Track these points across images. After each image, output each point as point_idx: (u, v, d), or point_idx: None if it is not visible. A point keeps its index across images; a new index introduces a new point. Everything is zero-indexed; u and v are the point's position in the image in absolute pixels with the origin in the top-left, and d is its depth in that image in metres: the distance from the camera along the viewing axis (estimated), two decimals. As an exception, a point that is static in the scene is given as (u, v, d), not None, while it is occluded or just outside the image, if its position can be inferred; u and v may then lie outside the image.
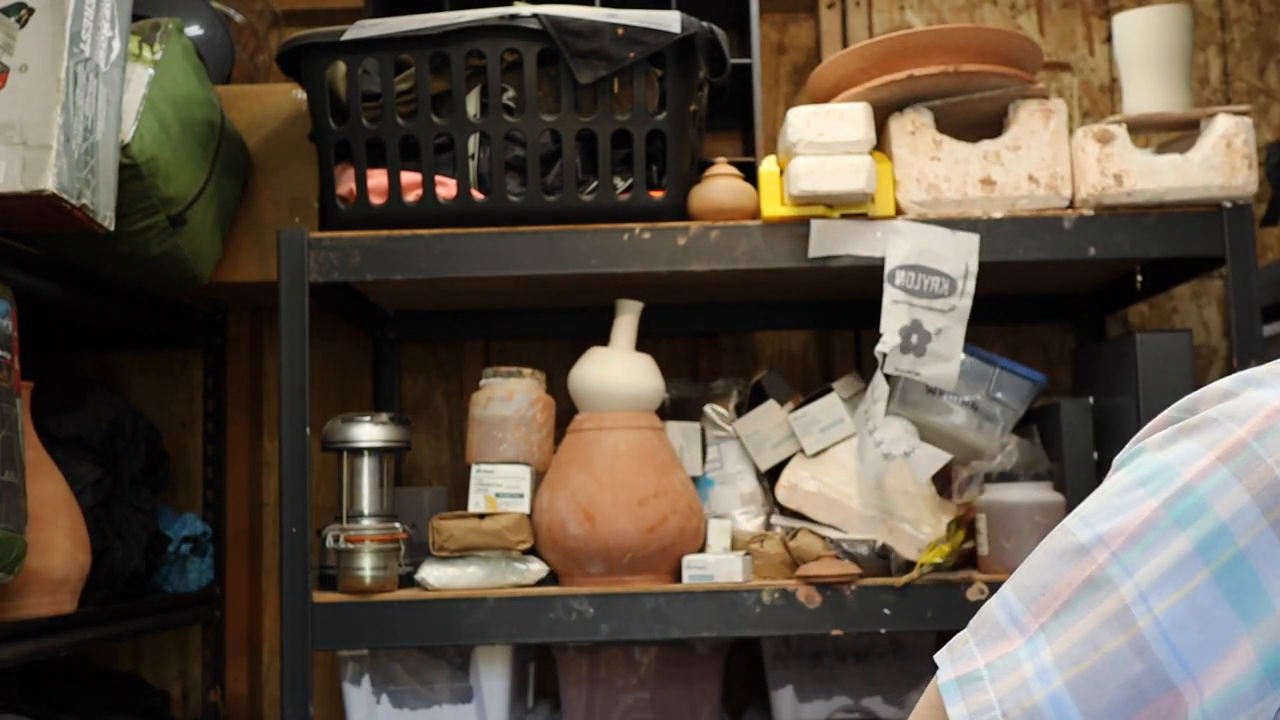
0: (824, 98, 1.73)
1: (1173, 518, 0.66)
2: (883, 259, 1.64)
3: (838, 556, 1.66)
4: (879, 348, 1.64)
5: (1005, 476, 1.67)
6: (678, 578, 1.68)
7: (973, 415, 1.80)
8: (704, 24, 1.67)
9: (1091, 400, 1.75)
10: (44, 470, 1.66)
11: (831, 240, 1.64)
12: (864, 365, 2.15)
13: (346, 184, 1.72)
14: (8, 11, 1.44)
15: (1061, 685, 0.66)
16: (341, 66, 1.69)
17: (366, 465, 1.73)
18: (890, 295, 1.64)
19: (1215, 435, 0.67)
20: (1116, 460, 0.73)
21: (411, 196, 1.69)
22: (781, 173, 1.66)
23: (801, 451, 1.82)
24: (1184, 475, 0.67)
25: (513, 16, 1.65)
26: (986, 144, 1.68)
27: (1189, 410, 0.71)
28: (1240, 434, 0.66)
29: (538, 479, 1.75)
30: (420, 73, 1.66)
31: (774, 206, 1.66)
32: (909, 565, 1.68)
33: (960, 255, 1.64)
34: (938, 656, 0.73)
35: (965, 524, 1.71)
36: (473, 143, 1.70)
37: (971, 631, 0.73)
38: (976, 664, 0.70)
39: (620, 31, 1.63)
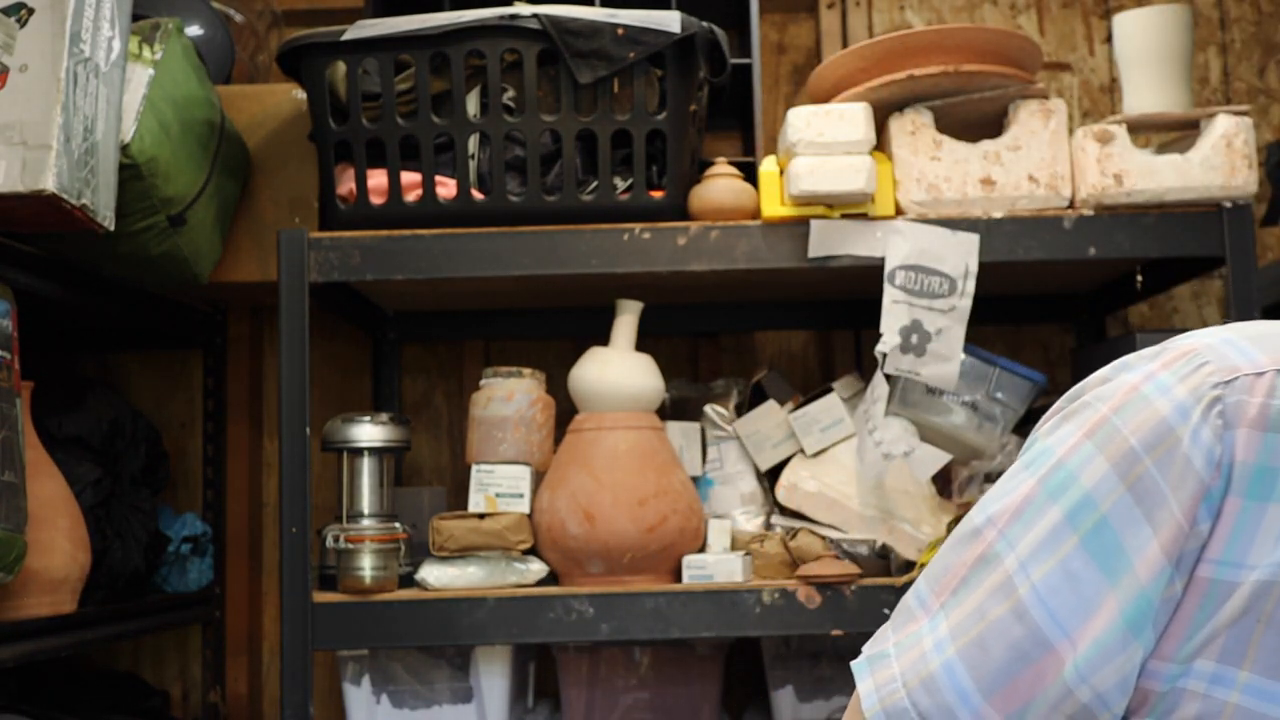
0: (824, 98, 1.73)
1: (1047, 492, 0.73)
2: (883, 259, 1.64)
3: (838, 556, 1.66)
4: (879, 348, 1.64)
5: (1005, 476, 1.67)
6: (678, 578, 1.68)
7: (973, 415, 1.80)
8: (704, 24, 1.67)
9: (1091, 400, 1.74)
10: (44, 470, 1.66)
11: (831, 240, 1.64)
12: (864, 365, 2.15)
13: (346, 184, 1.72)
14: (8, 11, 1.44)
15: (954, 654, 0.73)
16: (341, 66, 1.69)
17: (366, 465, 1.73)
18: (890, 295, 1.64)
19: (1086, 415, 0.74)
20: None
21: (411, 196, 1.69)
22: (781, 173, 1.67)
23: (801, 451, 1.82)
24: (1057, 453, 0.74)
25: (513, 16, 1.65)
26: (986, 144, 1.68)
27: (1074, 398, 0.77)
28: (1104, 411, 0.73)
29: (538, 479, 1.75)
30: (420, 73, 1.66)
31: (774, 206, 1.66)
32: (909, 565, 1.68)
33: (960, 255, 1.64)
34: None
35: (965, 524, 1.71)
36: (473, 143, 1.70)
37: (891, 620, 0.80)
38: (887, 645, 0.78)
39: (620, 31, 1.63)
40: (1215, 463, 0.69)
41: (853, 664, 0.79)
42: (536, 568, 1.68)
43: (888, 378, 1.67)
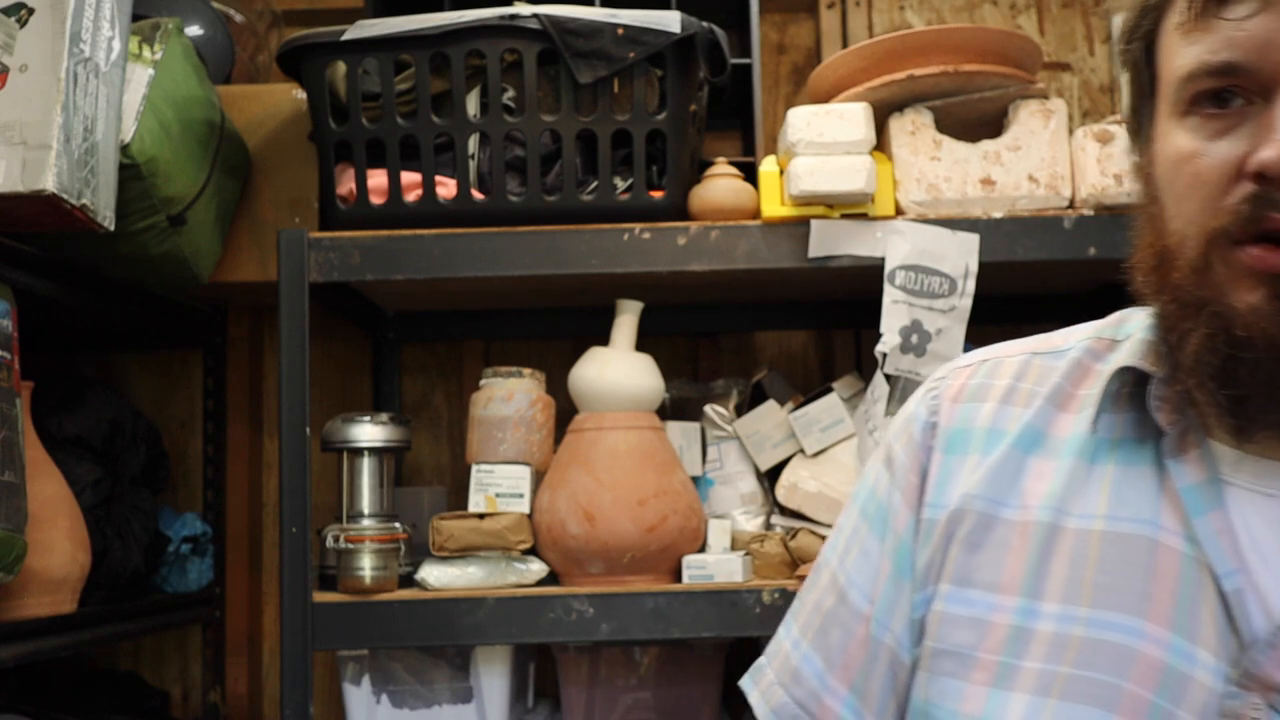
0: (824, 98, 1.73)
1: (854, 503, 0.93)
2: (883, 259, 1.64)
3: (838, 556, 1.66)
4: (879, 348, 1.64)
5: (1005, 476, 1.67)
6: (678, 578, 1.68)
7: (973, 415, 1.80)
8: (704, 24, 1.67)
9: (1091, 400, 1.75)
10: (44, 470, 1.66)
11: (831, 240, 1.64)
12: (864, 365, 2.15)
13: (346, 184, 1.72)
14: (8, 11, 1.44)
15: (807, 646, 0.91)
16: (341, 66, 1.69)
17: (366, 465, 1.73)
18: (890, 295, 1.64)
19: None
20: None
21: (411, 196, 1.69)
22: (781, 173, 1.66)
23: (801, 451, 1.82)
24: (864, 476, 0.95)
25: (513, 16, 1.65)
26: (986, 144, 1.68)
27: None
28: (886, 438, 0.93)
29: (538, 479, 1.75)
30: (420, 73, 1.66)
31: (774, 206, 1.66)
32: (909, 565, 1.68)
33: (960, 255, 1.64)
34: None
35: (965, 524, 1.71)
36: (473, 143, 1.70)
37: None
38: (763, 661, 0.94)
39: (620, 31, 1.63)
40: (928, 429, 0.89)
41: (740, 683, 0.96)
42: (536, 568, 1.68)
43: (888, 378, 1.67)
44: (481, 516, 1.66)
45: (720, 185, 1.69)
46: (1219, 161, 0.73)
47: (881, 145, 1.71)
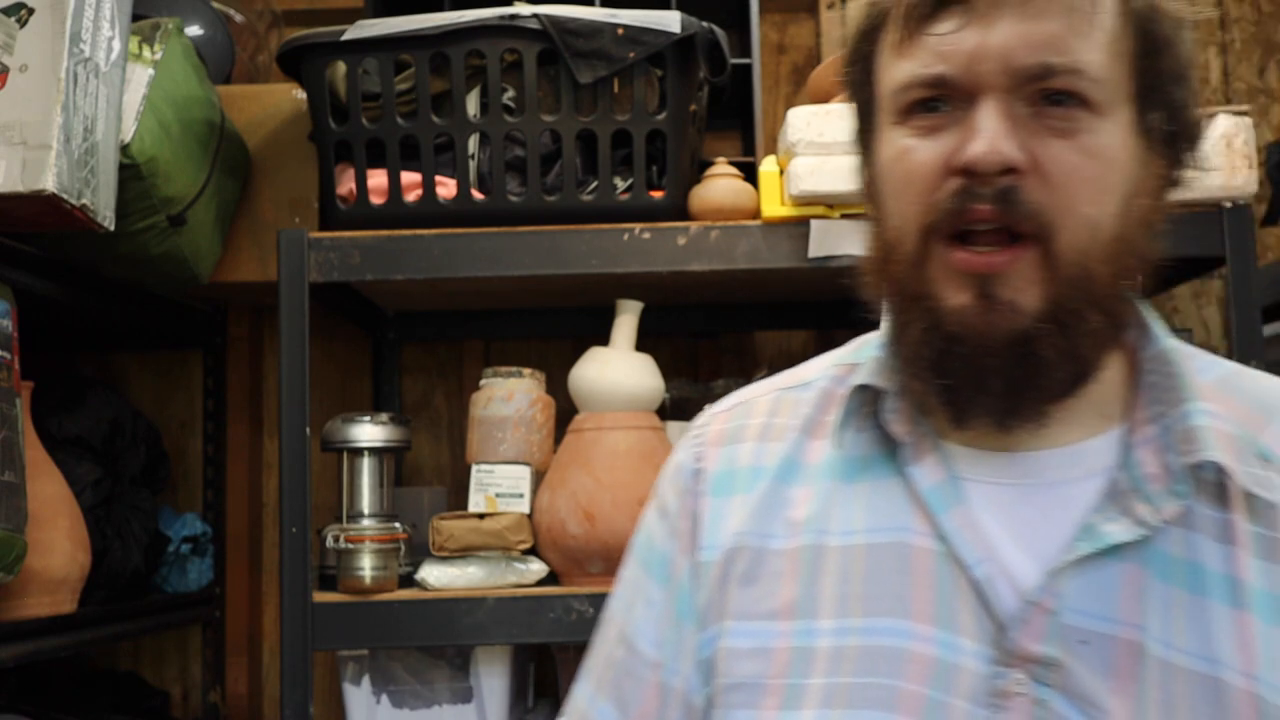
0: (824, 98, 1.73)
1: (634, 556, 0.96)
2: (883, 259, 1.64)
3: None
4: (879, 348, 1.64)
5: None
6: (678, 578, 1.68)
7: (973, 415, 1.80)
8: (704, 24, 1.67)
9: (1091, 400, 1.75)
10: (44, 470, 1.66)
11: (831, 240, 1.64)
12: (864, 365, 2.15)
13: (346, 184, 1.72)
14: (8, 11, 1.44)
15: (602, 700, 0.92)
16: (341, 66, 1.69)
17: (366, 465, 1.73)
18: (890, 295, 1.64)
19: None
20: None
21: (411, 196, 1.69)
22: (781, 173, 1.66)
23: (801, 451, 1.82)
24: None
25: (513, 16, 1.65)
26: (986, 144, 1.68)
27: None
28: (659, 488, 0.98)
29: (538, 479, 1.75)
30: (420, 73, 1.66)
31: (774, 206, 1.66)
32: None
33: (960, 255, 1.64)
34: None
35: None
36: (473, 143, 1.70)
37: None
38: (562, 715, 0.96)
39: (620, 31, 1.63)
40: (695, 476, 0.93)
41: None
42: (536, 568, 1.68)
43: (887, 378, 1.67)
44: (481, 516, 1.66)
45: (720, 185, 1.69)
46: (930, 158, 0.78)
47: (881, 145, 1.70)
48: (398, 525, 1.72)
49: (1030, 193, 0.75)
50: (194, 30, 1.93)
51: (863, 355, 0.92)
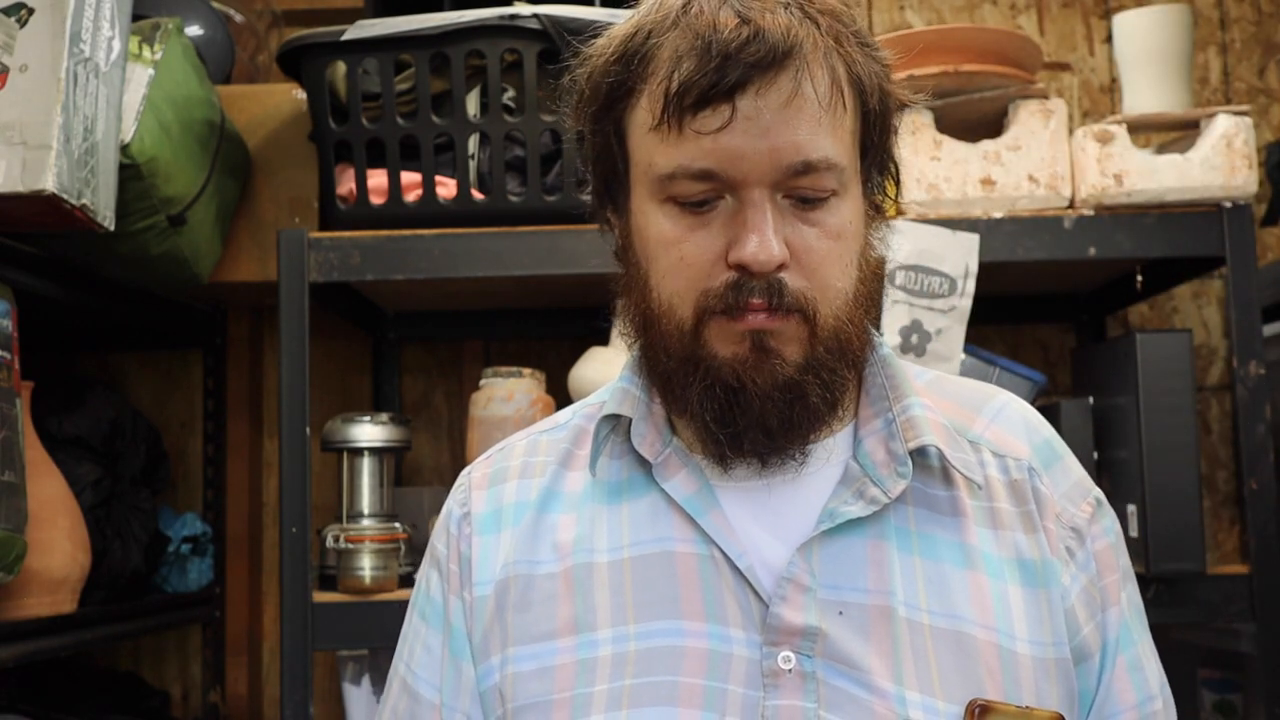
0: (824, 98, 1.73)
1: (413, 609, 1.01)
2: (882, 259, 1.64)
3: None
4: (879, 348, 1.64)
5: (1005, 476, 1.67)
6: (678, 578, 1.68)
7: (972, 415, 1.80)
8: (704, 24, 1.67)
9: (1091, 400, 1.75)
10: (44, 470, 1.66)
11: (831, 240, 1.64)
12: (864, 365, 2.15)
13: (346, 184, 1.72)
14: (8, 11, 1.44)
15: None
16: (341, 66, 1.69)
17: (366, 465, 1.73)
18: (890, 295, 1.64)
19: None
20: None
21: (411, 196, 1.69)
22: (781, 173, 1.66)
23: (801, 451, 1.82)
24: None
25: (513, 16, 1.65)
26: (986, 144, 1.68)
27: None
28: (431, 541, 1.01)
29: (538, 479, 1.75)
30: (420, 73, 1.66)
31: (774, 206, 1.65)
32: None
33: (960, 255, 1.64)
34: None
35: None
36: (473, 143, 1.70)
37: None
38: None
39: (620, 31, 1.63)
40: (462, 520, 0.98)
41: None
42: (536, 568, 1.68)
43: (887, 378, 1.67)
44: (481, 516, 1.66)
45: (720, 185, 1.69)
46: (702, 250, 0.85)
47: (881, 145, 1.70)
48: (398, 525, 1.72)
49: (793, 282, 0.84)
50: (194, 30, 1.93)
51: (609, 392, 0.99)
